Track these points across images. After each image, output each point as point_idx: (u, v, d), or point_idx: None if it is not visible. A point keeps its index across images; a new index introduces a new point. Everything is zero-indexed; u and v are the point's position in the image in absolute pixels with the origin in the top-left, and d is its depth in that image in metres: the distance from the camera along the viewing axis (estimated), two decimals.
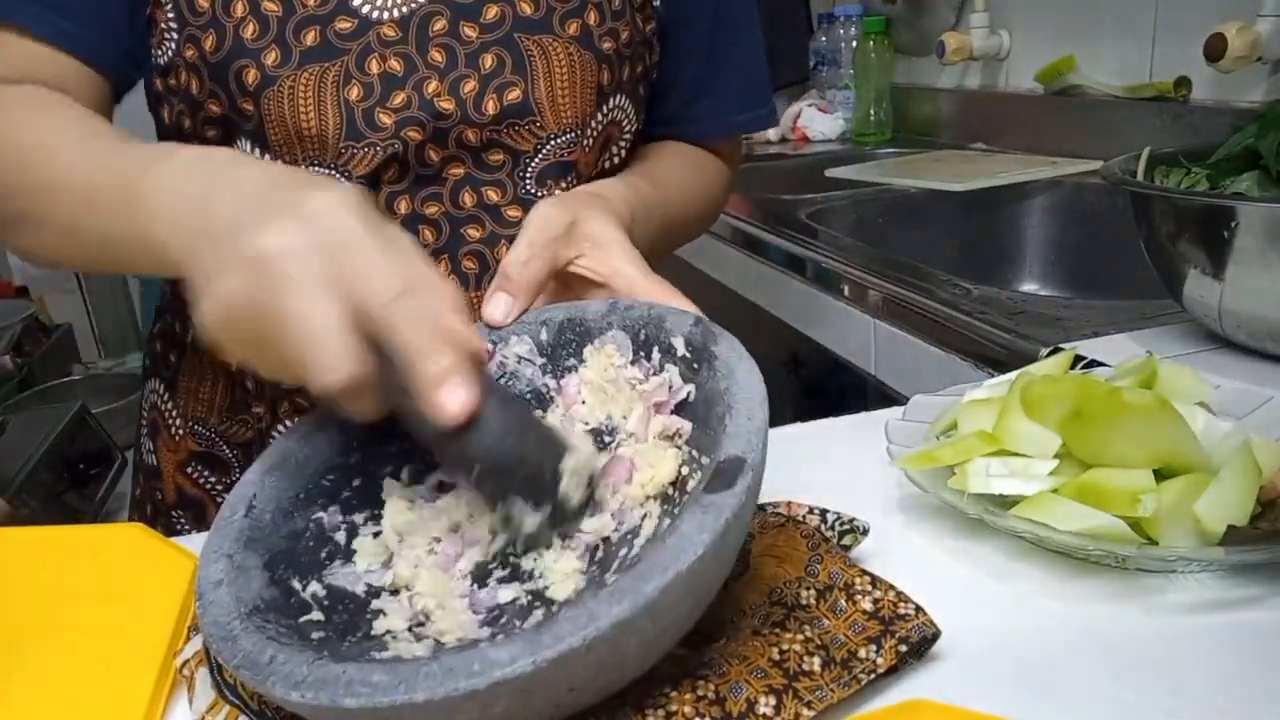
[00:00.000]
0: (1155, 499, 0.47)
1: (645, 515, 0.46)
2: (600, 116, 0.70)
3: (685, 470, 0.46)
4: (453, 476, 0.49)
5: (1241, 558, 0.46)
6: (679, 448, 0.48)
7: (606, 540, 0.46)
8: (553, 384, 0.54)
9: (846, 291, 1.06)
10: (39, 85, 0.63)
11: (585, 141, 0.69)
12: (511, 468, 0.44)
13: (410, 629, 0.44)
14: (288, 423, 0.70)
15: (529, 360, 0.54)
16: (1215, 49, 1.14)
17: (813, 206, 1.38)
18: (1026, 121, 1.59)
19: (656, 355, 0.50)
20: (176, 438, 0.75)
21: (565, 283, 0.59)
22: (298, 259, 0.42)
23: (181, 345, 0.75)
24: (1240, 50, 1.12)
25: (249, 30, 0.62)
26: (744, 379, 0.44)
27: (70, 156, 0.57)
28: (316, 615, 0.43)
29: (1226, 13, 1.16)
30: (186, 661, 0.45)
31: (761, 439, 0.41)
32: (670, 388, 0.49)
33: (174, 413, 0.75)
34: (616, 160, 0.75)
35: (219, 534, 0.44)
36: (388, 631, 0.43)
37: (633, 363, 0.51)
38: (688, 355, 0.48)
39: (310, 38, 0.63)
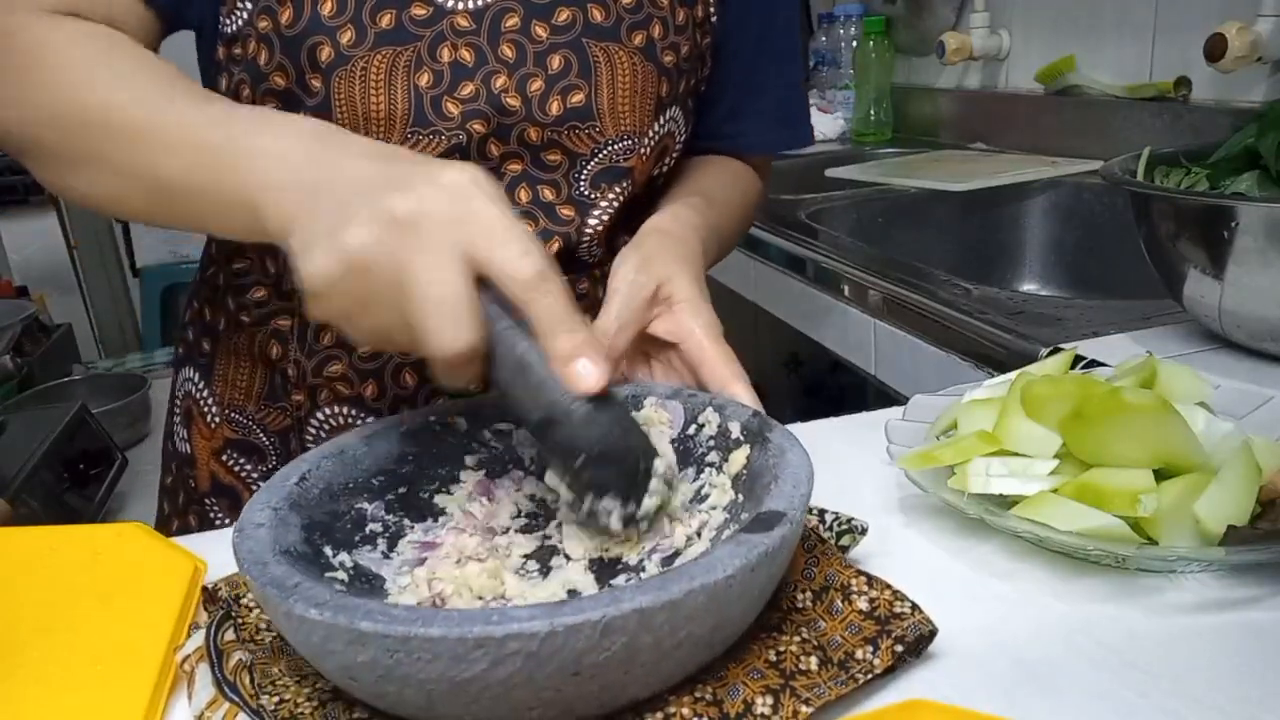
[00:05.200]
0: (1155, 499, 0.47)
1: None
2: (657, 127, 0.71)
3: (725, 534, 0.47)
4: (550, 463, 0.49)
5: (1241, 558, 0.46)
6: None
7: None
8: None
9: (846, 291, 1.06)
10: (86, 19, 0.60)
11: (642, 150, 0.70)
12: (616, 459, 0.46)
13: (420, 605, 0.46)
14: (326, 410, 0.71)
15: None
16: (1215, 49, 1.13)
17: (813, 206, 1.38)
18: (1026, 121, 1.60)
19: (704, 435, 0.53)
20: (212, 425, 0.76)
21: (638, 341, 0.60)
22: (438, 225, 0.43)
23: (215, 332, 0.75)
24: (1240, 50, 1.12)
25: (327, 8, 0.63)
26: (794, 459, 0.45)
27: (145, 102, 0.55)
28: (341, 576, 0.45)
29: (1226, 13, 1.16)
30: (187, 657, 0.45)
31: (804, 505, 0.42)
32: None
33: (209, 400, 0.76)
34: (666, 169, 0.77)
35: (269, 490, 0.47)
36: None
37: (680, 439, 0.54)
38: (741, 438, 0.51)
39: (386, 20, 0.64)
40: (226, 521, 0.76)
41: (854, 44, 2.02)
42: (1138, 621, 0.45)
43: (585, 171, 0.69)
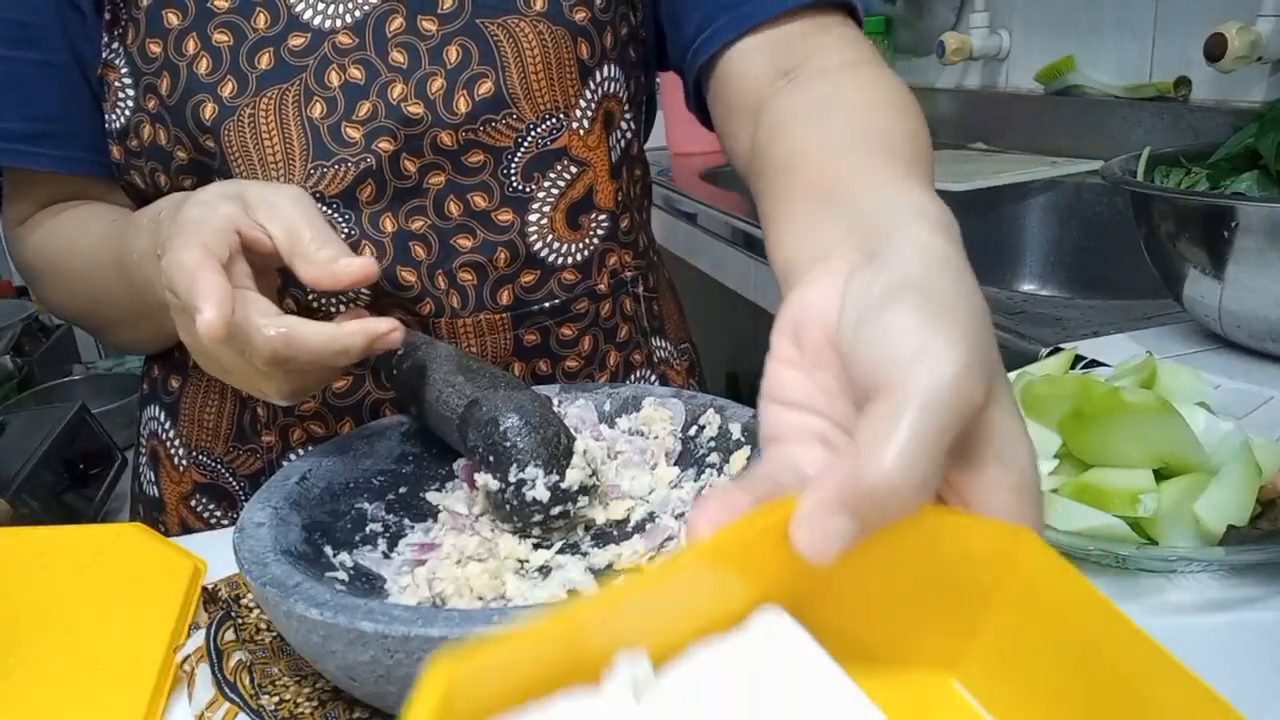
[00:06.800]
0: (1155, 499, 0.47)
1: None
2: (589, 94, 0.66)
3: None
4: (475, 447, 0.49)
5: (1241, 558, 0.46)
6: None
7: None
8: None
9: None
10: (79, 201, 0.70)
11: (573, 124, 0.65)
12: (537, 426, 0.48)
13: (420, 605, 0.45)
14: (299, 451, 0.67)
15: (580, 422, 0.57)
16: (1215, 49, 1.13)
17: None
18: (1026, 121, 1.59)
19: (705, 437, 0.53)
20: (180, 469, 0.72)
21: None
22: None
23: (183, 370, 0.71)
24: (1240, 50, 1.12)
25: (202, 66, 0.60)
26: None
27: (81, 254, 0.66)
28: (341, 576, 0.45)
29: (1226, 13, 1.16)
30: (187, 657, 0.45)
31: None
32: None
33: (176, 442, 0.72)
34: (629, 136, 0.70)
35: (270, 490, 0.47)
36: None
37: (681, 440, 0.54)
38: (742, 439, 0.51)
39: (265, 60, 0.61)
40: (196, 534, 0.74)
41: None
42: (1138, 621, 0.45)
43: (513, 165, 0.63)
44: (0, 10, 0.64)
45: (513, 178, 0.64)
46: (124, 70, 0.63)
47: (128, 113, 0.63)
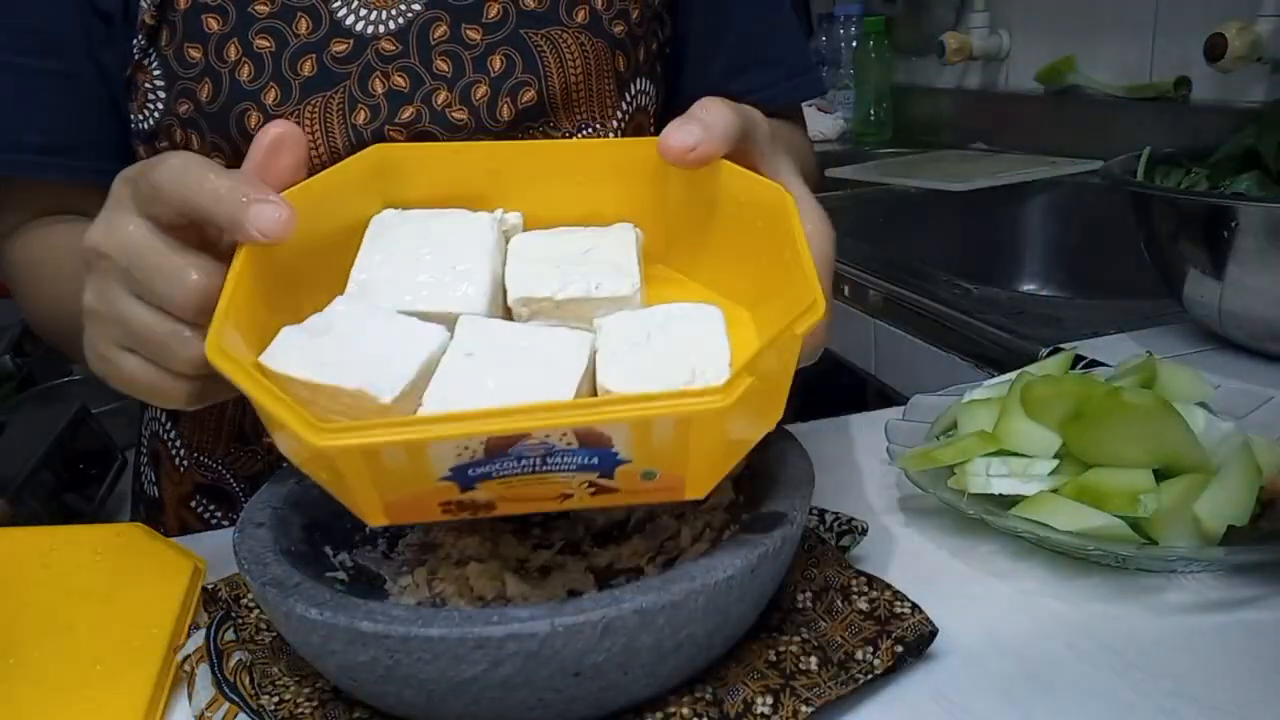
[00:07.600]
0: (1155, 499, 0.47)
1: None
2: (625, 105, 0.68)
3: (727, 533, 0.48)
4: None
5: (1241, 558, 0.46)
6: None
7: None
8: None
9: (846, 291, 1.06)
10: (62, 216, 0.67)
11: (608, 133, 0.67)
12: None
13: (420, 605, 0.46)
14: None
15: None
16: (1215, 49, 1.14)
17: None
18: (1026, 121, 1.59)
19: None
20: (181, 469, 0.72)
21: None
22: None
23: None
24: (1240, 50, 1.12)
25: (245, 73, 0.60)
26: (795, 459, 0.46)
27: (49, 263, 0.64)
28: (341, 576, 0.46)
29: (1226, 13, 1.16)
30: (188, 657, 0.45)
31: (804, 506, 0.42)
32: None
33: (178, 442, 0.72)
34: None
35: (270, 489, 0.47)
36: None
37: None
38: None
39: (307, 67, 0.61)
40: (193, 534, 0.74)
41: (854, 44, 2.02)
42: (1138, 621, 0.45)
43: None
44: (17, 18, 0.63)
45: None
46: (156, 73, 0.62)
47: (157, 115, 0.63)
